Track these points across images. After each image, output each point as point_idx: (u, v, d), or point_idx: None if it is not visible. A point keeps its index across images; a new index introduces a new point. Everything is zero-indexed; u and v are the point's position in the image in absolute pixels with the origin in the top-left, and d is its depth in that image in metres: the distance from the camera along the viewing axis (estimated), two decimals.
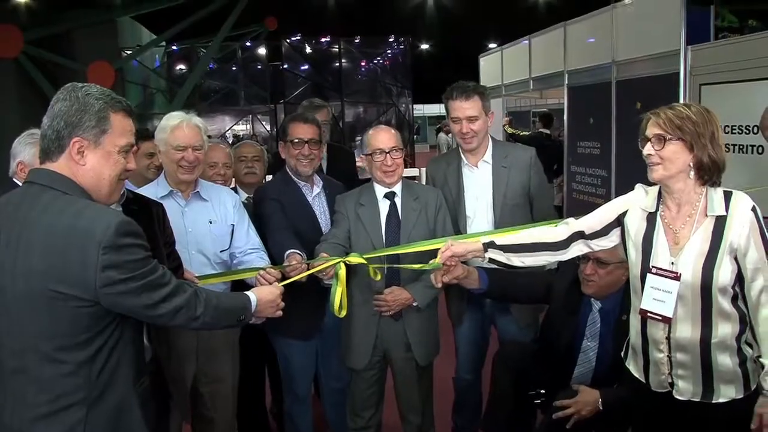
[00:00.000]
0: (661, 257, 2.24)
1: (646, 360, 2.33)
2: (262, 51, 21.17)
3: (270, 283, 2.58)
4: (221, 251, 2.94)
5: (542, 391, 3.19)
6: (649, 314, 2.25)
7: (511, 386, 3.19)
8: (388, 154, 3.00)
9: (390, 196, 3.09)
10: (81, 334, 1.74)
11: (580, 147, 7.08)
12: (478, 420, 3.63)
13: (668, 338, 2.24)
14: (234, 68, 21.16)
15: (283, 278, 2.71)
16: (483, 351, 3.57)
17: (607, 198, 6.40)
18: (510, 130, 9.79)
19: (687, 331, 2.21)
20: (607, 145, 6.36)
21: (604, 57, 6.45)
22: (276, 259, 2.93)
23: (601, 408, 2.85)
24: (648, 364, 2.33)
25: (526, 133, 10.27)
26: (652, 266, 2.25)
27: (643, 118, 2.26)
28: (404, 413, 3.25)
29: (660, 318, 2.22)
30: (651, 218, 2.30)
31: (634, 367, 2.41)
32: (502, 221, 3.21)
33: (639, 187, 2.38)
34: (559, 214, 8.43)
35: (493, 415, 3.25)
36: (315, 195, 3.27)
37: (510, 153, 3.33)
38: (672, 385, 2.28)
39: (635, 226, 2.33)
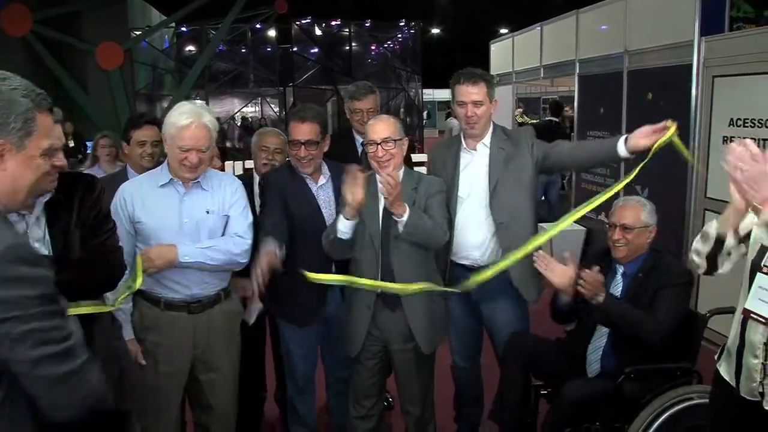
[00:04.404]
0: None
1: (740, 364, 2.18)
2: (271, 33, 21.02)
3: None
4: None
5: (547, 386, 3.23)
6: (752, 315, 2.11)
7: (521, 377, 3.23)
8: (379, 146, 2.96)
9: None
10: None
11: (590, 136, 7.03)
12: (480, 410, 3.65)
13: (766, 344, 2.09)
14: (243, 50, 21.04)
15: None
16: (478, 338, 3.56)
17: None
18: (520, 120, 9.78)
19: None
20: (617, 135, 6.31)
21: (616, 46, 6.39)
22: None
23: (601, 300, 2.96)
24: (740, 369, 2.18)
25: (535, 121, 10.25)
26: (764, 264, 2.11)
27: None
28: (404, 404, 3.25)
29: (764, 321, 2.08)
30: None
31: (725, 370, 2.26)
32: (497, 199, 3.21)
33: None
34: (566, 204, 8.42)
35: (503, 406, 3.26)
36: (320, 185, 3.24)
37: (508, 135, 3.34)
38: (762, 395, 2.12)
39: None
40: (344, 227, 2.90)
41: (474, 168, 3.29)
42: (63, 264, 2.06)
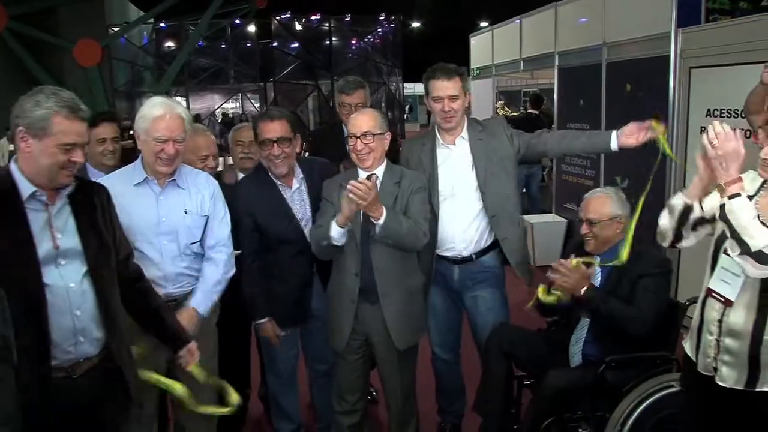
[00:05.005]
0: None
1: (699, 340, 2.30)
2: (251, 29, 20.96)
3: None
4: (192, 243, 2.85)
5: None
6: (713, 294, 2.23)
7: (503, 368, 3.25)
8: (358, 139, 2.96)
9: (371, 179, 3.06)
10: None
11: (570, 128, 7.06)
12: (462, 401, 3.68)
13: (720, 321, 2.21)
14: (223, 46, 20.97)
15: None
16: (458, 329, 3.59)
17: (596, 180, 6.41)
18: (501, 112, 9.81)
19: (740, 317, 2.17)
20: (596, 127, 6.34)
21: (594, 38, 6.42)
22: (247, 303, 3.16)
23: (582, 294, 2.97)
24: (699, 345, 2.30)
25: (515, 114, 10.29)
26: (728, 247, 2.18)
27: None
28: (387, 399, 3.26)
29: (723, 300, 2.20)
30: None
31: (689, 347, 2.39)
32: (488, 191, 3.26)
33: (749, 171, 2.28)
34: (547, 196, 8.47)
35: (486, 397, 3.28)
36: (294, 191, 3.20)
37: (483, 126, 3.39)
38: (716, 370, 2.24)
39: None
40: (337, 234, 2.88)
41: (455, 163, 3.31)
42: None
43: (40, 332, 2.06)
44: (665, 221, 2.35)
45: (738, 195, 2.03)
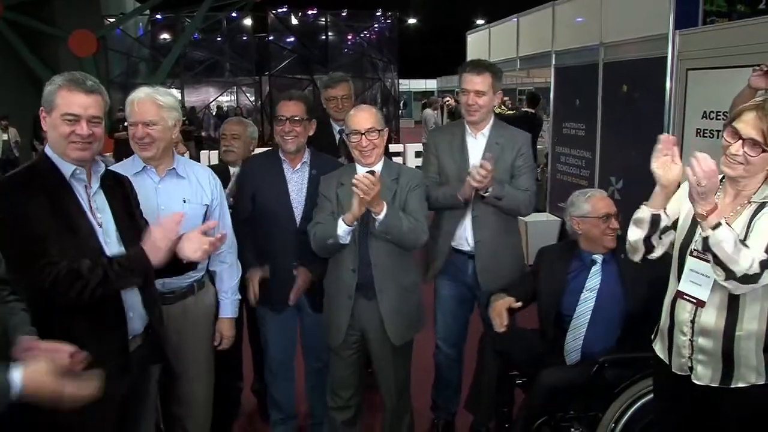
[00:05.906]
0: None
1: (671, 342, 2.34)
2: (247, 22, 20.89)
3: None
4: None
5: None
6: (684, 296, 2.26)
7: (496, 366, 3.25)
8: (363, 135, 2.97)
9: (372, 174, 3.06)
10: None
11: (566, 128, 7.09)
12: (457, 399, 3.69)
13: (693, 322, 2.25)
14: (219, 39, 20.88)
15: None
16: (463, 325, 3.61)
17: (590, 180, 6.43)
18: (497, 110, 9.79)
19: (712, 316, 2.20)
20: (592, 126, 6.37)
21: (592, 38, 6.44)
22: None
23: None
24: (672, 346, 2.34)
25: (511, 112, 10.29)
26: (693, 249, 2.23)
27: (744, 109, 2.15)
28: (383, 395, 3.26)
29: (695, 301, 2.23)
30: None
31: (659, 348, 2.42)
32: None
33: None
34: (542, 193, 8.48)
35: (478, 397, 3.29)
36: (296, 170, 3.27)
37: (506, 133, 3.44)
38: (691, 369, 2.28)
39: (690, 205, 2.23)
40: (344, 233, 2.89)
41: (475, 155, 3.35)
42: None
43: (117, 296, 2.20)
44: (635, 235, 2.34)
45: (719, 224, 2.03)
